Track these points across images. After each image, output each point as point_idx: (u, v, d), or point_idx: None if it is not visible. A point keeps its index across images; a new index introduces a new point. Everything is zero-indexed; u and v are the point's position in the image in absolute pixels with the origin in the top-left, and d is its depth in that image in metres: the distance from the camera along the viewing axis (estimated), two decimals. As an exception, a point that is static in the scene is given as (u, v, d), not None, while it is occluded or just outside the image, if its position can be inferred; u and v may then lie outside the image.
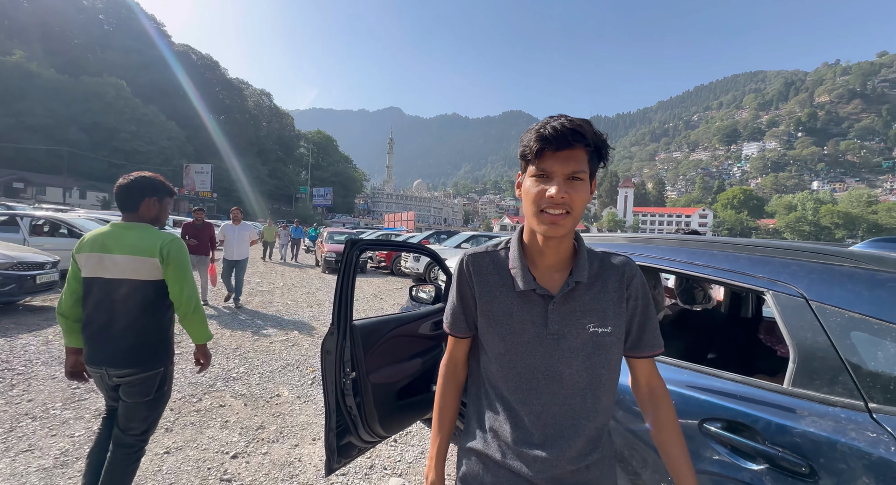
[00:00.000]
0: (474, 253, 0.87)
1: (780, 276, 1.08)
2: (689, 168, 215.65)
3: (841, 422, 0.84)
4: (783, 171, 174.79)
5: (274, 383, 3.47)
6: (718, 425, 1.01)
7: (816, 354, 0.94)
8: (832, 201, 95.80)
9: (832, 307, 0.95)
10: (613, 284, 0.81)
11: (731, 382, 1.06)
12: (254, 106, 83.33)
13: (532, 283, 0.79)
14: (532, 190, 0.74)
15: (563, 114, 0.74)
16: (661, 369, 1.23)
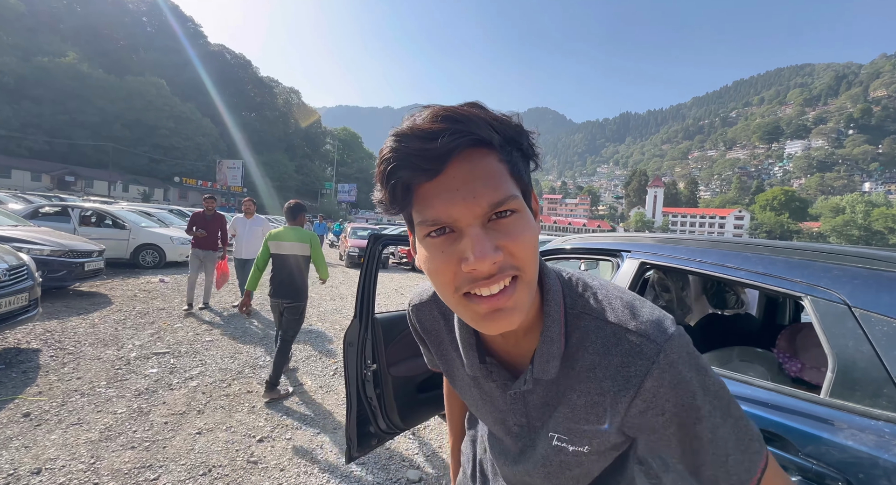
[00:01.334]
0: (419, 303, 0.64)
1: (821, 280, 1.02)
2: (725, 167, 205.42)
3: (885, 437, 0.79)
4: (830, 171, 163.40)
5: (298, 372, 3.59)
6: (747, 434, 0.97)
7: (858, 364, 0.88)
8: (886, 204, 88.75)
9: (878, 315, 0.89)
10: (600, 383, 0.47)
11: (763, 390, 1.02)
12: (283, 103, 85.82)
13: (477, 367, 0.53)
14: (432, 264, 0.42)
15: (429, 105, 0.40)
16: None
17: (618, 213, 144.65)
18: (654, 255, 1.51)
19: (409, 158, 0.38)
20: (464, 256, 0.39)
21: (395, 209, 0.42)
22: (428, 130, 0.37)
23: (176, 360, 3.56)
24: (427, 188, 0.39)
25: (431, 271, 0.42)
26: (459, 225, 0.39)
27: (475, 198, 0.38)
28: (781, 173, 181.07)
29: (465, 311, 0.42)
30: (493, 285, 0.39)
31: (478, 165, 0.39)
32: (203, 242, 5.42)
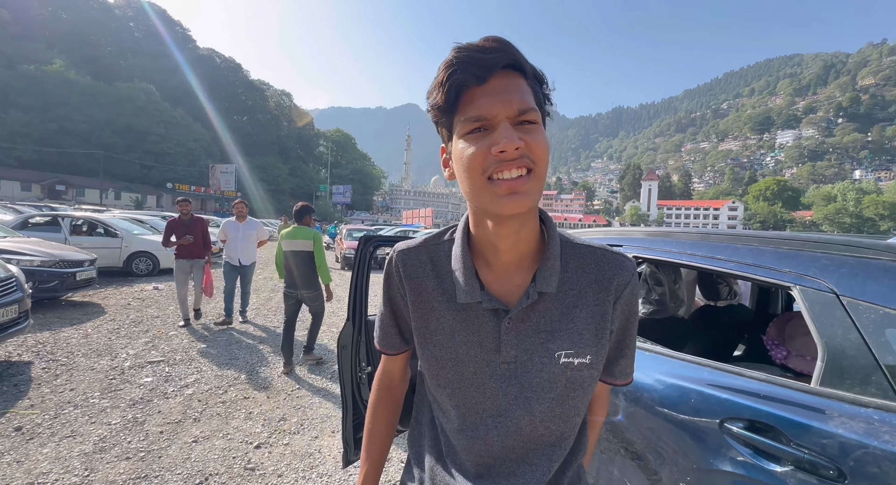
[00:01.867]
0: (406, 249, 0.65)
1: (809, 270, 1.02)
2: (718, 159, 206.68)
3: (874, 424, 0.80)
4: (821, 159, 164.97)
5: (294, 377, 3.57)
6: (740, 424, 0.97)
7: (847, 352, 0.89)
8: (877, 191, 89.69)
9: (866, 303, 0.89)
10: (596, 296, 0.57)
11: (755, 380, 1.01)
12: (275, 106, 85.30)
13: (477, 293, 0.56)
14: (467, 151, 0.49)
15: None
16: (681, 367, 1.21)
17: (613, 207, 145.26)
18: (646, 248, 1.51)
19: (465, 65, 0.47)
20: (495, 142, 0.47)
21: (445, 109, 0.50)
22: (482, 47, 0.47)
23: (171, 368, 3.53)
24: (474, 91, 0.48)
25: (466, 159, 0.49)
26: (496, 121, 0.47)
27: (510, 101, 0.47)
28: (773, 163, 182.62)
29: (487, 193, 0.49)
30: (513, 169, 0.47)
31: (513, 81, 0.48)
32: (189, 250, 4.89)
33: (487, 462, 0.59)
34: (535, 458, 0.58)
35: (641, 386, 1.22)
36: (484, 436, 0.58)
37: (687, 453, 1.06)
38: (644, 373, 1.24)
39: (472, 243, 0.60)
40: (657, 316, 1.73)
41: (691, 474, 1.04)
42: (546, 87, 0.54)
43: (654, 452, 1.15)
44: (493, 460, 0.59)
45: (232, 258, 5.09)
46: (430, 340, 0.61)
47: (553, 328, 0.56)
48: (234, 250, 5.07)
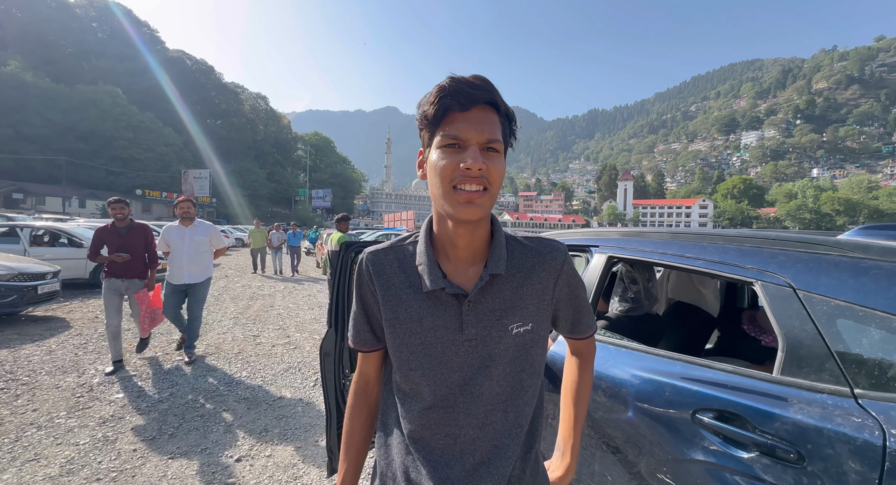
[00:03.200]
0: (375, 250, 0.75)
1: (769, 266, 1.08)
2: (689, 159, 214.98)
3: (828, 408, 0.86)
4: (783, 159, 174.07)
5: (276, 386, 3.49)
6: (710, 415, 1.02)
7: (804, 342, 0.94)
8: (832, 188, 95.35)
9: (819, 296, 0.96)
10: (539, 276, 0.71)
11: (723, 372, 1.07)
12: (250, 110, 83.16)
13: (440, 280, 0.67)
14: (440, 162, 0.61)
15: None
16: (656, 362, 1.25)
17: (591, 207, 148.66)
18: (621, 248, 1.56)
19: (454, 93, 0.59)
20: (464, 160, 0.59)
21: (431, 121, 0.62)
22: (471, 83, 0.60)
23: (144, 383, 3.38)
24: (457, 115, 0.60)
25: (439, 169, 0.61)
26: (468, 143, 0.60)
27: (482, 131, 0.60)
28: (739, 163, 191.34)
29: (450, 199, 0.61)
30: (474, 184, 0.60)
31: (488, 115, 0.61)
32: (123, 269, 3.60)
33: (454, 432, 0.68)
34: (493, 417, 0.69)
35: (619, 381, 1.26)
36: (452, 405, 0.68)
37: (662, 445, 1.10)
38: (621, 369, 1.29)
39: (433, 241, 0.72)
40: (633, 313, 1.79)
41: (667, 465, 1.08)
42: (514, 124, 0.67)
43: (632, 445, 1.19)
44: (459, 429, 0.68)
45: (175, 275, 3.81)
46: (401, 329, 0.69)
47: (505, 306, 0.68)
48: (178, 265, 3.81)
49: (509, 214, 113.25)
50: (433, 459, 0.68)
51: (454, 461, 0.68)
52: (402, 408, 0.72)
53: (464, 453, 0.68)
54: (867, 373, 0.86)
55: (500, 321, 0.68)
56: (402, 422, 0.72)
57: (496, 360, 0.68)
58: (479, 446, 0.68)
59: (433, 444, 0.69)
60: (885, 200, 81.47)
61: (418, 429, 0.70)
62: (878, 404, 0.81)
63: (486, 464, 0.68)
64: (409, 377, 0.70)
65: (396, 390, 0.74)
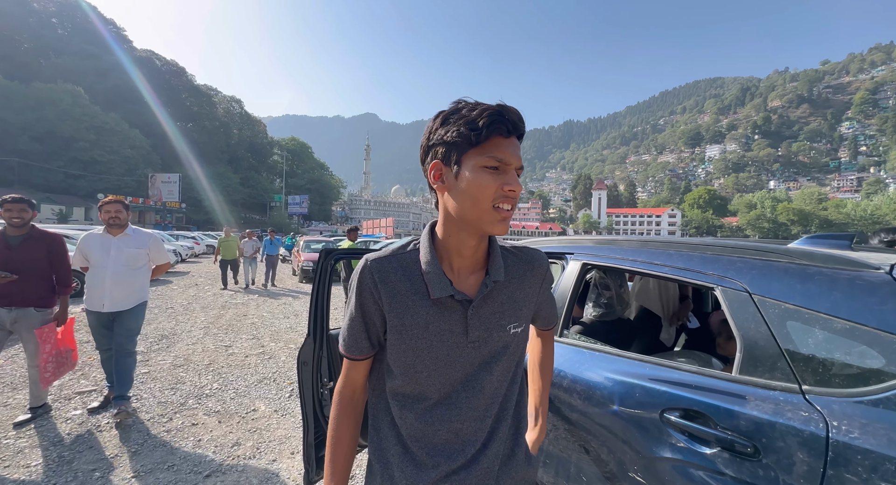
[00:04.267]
0: (379, 258, 0.76)
1: (728, 272, 1.17)
2: (658, 170, 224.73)
3: (780, 404, 0.92)
4: (743, 171, 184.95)
5: (250, 397, 3.37)
6: (677, 414, 1.08)
7: (759, 343, 1.02)
8: (787, 199, 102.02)
9: (771, 300, 1.04)
10: (529, 281, 0.81)
11: (688, 373, 1.14)
12: (224, 113, 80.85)
13: (449, 288, 0.71)
14: (484, 180, 0.65)
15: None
16: (627, 365, 1.30)
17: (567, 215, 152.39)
18: (594, 256, 1.63)
19: (506, 120, 0.65)
20: (507, 182, 0.66)
21: (471, 141, 0.65)
22: (516, 114, 0.66)
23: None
24: (499, 140, 0.66)
25: (481, 187, 0.66)
26: (510, 167, 0.67)
27: (519, 157, 0.68)
28: (704, 174, 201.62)
29: (489, 216, 0.67)
30: (510, 204, 0.67)
31: (518, 145, 0.69)
32: (7, 294, 2.61)
33: (456, 427, 0.74)
34: (491, 409, 0.77)
35: (593, 384, 1.31)
36: (455, 402, 0.74)
37: (634, 444, 1.15)
38: (595, 372, 1.34)
39: (437, 250, 0.76)
40: (606, 318, 1.86)
41: (638, 464, 1.13)
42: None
43: (606, 446, 1.24)
44: (462, 423, 0.74)
45: (93, 299, 2.84)
46: (407, 334, 0.72)
47: (504, 309, 0.76)
48: (98, 285, 2.83)
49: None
50: (436, 454, 0.73)
51: (457, 453, 0.73)
52: (400, 411, 0.75)
53: (465, 444, 0.74)
54: (813, 370, 0.93)
55: (500, 323, 0.75)
56: (400, 424, 0.75)
57: (496, 358, 0.75)
58: (479, 435, 0.75)
59: (436, 440, 0.74)
60: (832, 211, 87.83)
61: (420, 428, 0.74)
62: (823, 398, 0.89)
63: (483, 449, 0.75)
64: (414, 380, 0.73)
65: (393, 395, 0.76)
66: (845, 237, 1.29)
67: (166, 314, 6.48)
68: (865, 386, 0.85)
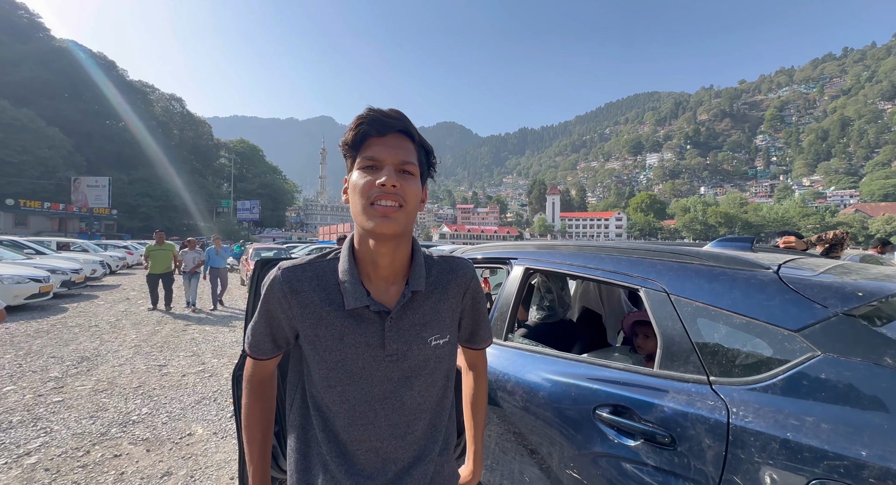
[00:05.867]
0: (291, 266, 0.73)
1: (650, 274, 1.26)
2: (605, 176, 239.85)
3: (691, 395, 0.99)
4: (678, 178, 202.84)
5: (185, 421, 3.10)
6: (607, 410, 1.13)
7: (675, 339, 1.11)
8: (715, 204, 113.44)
9: (685, 299, 1.13)
10: (453, 291, 0.78)
11: (617, 370, 1.20)
12: (162, 112, 74.52)
13: (365, 298, 0.69)
14: (360, 181, 0.66)
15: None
16: (564, 365, 1.35)
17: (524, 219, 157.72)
18: (535, 260, 1.69)
19: (373, 122, 0.66)
20: (379, 178, 0.64)
21: (352, 146, 0.68)
22: (387, 113, 0.67)
23: (3, 434, 2.77)
24: (374, 140, 0.67)
25: (358, 188, 0.66)
26: (384, 163, 0.66)
27: (397, 154, 0.66)
28: (646, 180, 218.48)
29: (368, 214, 0.65)
30: (389, 200, 0.65)
31: (403, 142, 0.68)
32: None
33: (375, 445, 0.71)
34: (414, 426, 0.74)
35: (533, 386, 1.35)
36: (373, 420, 0.71)
37: (570, 441, 1.20)
38: (535, 373, 1.38)
39: (356, 261, 0.73)
40: (548, 320, 1.93)
41: (574, 460, 1.18)
42: (432, 156, 0.75)
43: (545, 445, 1.28)
44: (381, 441, 0.71)
45: None
46: (320, 346, 0.70)
47: (425, 320, 0.73)
48: None
49: (448, 225, 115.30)
50: (355, 472, 0.70)
51: (377, 473, 0.71)
52: (321, 424, 0.73)
53: (386, 463, 0.71)
54: (718, 362, 1.01)
55: (420, 335, 0.72)
56: (322, 438, 0.72)
57: (417, 372, 0.72)
58: (402, 454, 0.72)
59: (356, 458, 0.71)
60: (752, 214, 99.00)
61: (339, 444, 0.71)
62: (725, 387, 0.97)
63: (408, 469, 0.72)
64: (328, 394, 0.71)
65: (314, 408, 0.74)
66: (747, 240, 1.44)
67: (89, 333, 5.80)
68: (758, 374, 0.93)
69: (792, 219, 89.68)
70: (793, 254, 1.44)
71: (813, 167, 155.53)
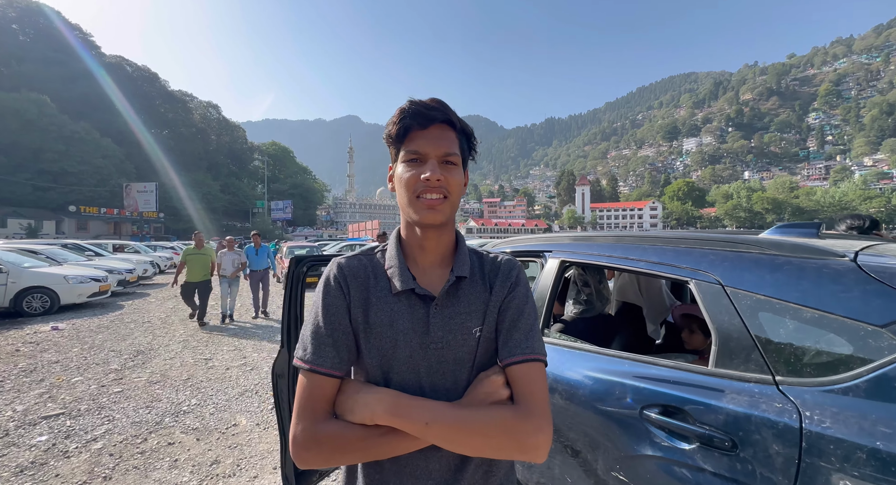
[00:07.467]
0: (346, 257, 0.76)
1: (701, 265, 1.16)
2: (638, 164, 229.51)
3: (755, 396, 0.91)
4: (719, 163, 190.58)
5: (230, 412, 3.26)
6: (656, 410, 1.06)
7: (732, 335, 1.01)
8: (761, 189, 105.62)
9: (743, 291, 1.03)
10: (499, 285, 0.74)
11: (666, 368, 1.12)
12: (200, 119, 78.82)
13: (411, 281, 0.70)
14: (405, 175, 0.68)
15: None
16: (607, 362, 1.28)
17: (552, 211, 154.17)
18: (571, 253, 1.61)
19: (415, 115, 0.67)
20: (423, 172, 0.66)
21: (395, 139, 0.69)
22: (428, 105, 0.68)
23: (73, 421, 3.03)
24: (416, 133, 0.67)
25: (403, 181, 0.68)
26: (427, 157, 0.67)
27: (440, 146, 0.67)
28: (682, 167, 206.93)
29: (415, 206, 0.67)
30: (434, 193, 0.67)
31: (445, 132, 0.69)
32: None
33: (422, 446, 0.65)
34: None
35: (574, 383, 1.29)
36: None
37: (615, 443, 1.13)
38: (575, 371, 1.32)
39: (403, 247, 0.76)
40: (586, 315, 1.85)
41: (620, 462, 1.11)
42: (473, 140, 0.75)
43: (588, 446, 1.22)
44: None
45: None
46: (372, 333, 0.68)
47: (470, 310, 0.71)
48: None
49: (474, 220, 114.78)
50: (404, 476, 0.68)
51: (425, 477, 0.68)
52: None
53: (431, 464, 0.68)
54: (785, 361, 0.92)
55: (464, 324, 0.70)
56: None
57: (461, 364, 0.69)
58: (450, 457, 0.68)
59: (402, 459, 0.67)
60: (804, 199, 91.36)
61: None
62: (795, 389, 0.87)
63: (457, 472, 0.69)
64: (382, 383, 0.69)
65: None
66: (812, 226, 1.29)
67: (143, 329, 6.25)
68: (836, 374, 0.84)
69: (851, 203, 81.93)
70: (868, 240, 1.29)
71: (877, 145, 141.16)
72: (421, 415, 0.60)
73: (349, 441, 0.61)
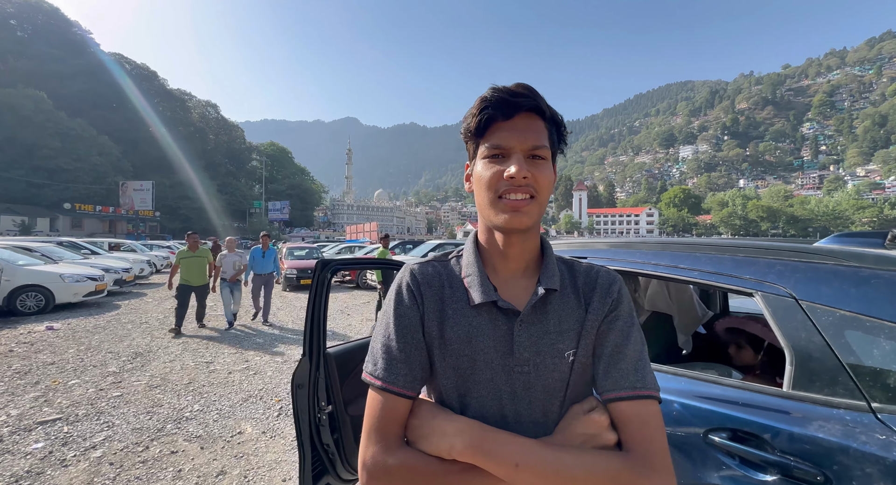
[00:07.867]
0: (420, 264, 0.68)
1: (768, 276, 1.08)
2: (635, 170, 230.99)
3: (849, 425, 0.81)
4: (714, 171, 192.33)
5: (235, 418, 3.15)
6: (724, 435, 0.98)
7: (813, 354, 0.92)
8: (756, 197, 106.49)
9: (822, 306, 0.95)
10: (596, 303, 0.63)
11: (732, 388, 1.04)
12: (198, 118, 78.44)
13: (492, 293, 0.60)
14: (485, 173, 0.58)
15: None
16: (661, 379, 1.21)
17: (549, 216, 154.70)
18: (610, 260, 1.53)
19: (498, 104, 0.57)
20: (508, 169, 0.56)
21: (474, 133, 0.60)
22: (513, 91, 0.57)
23: (71, 427, 2.91)
24: (500, 125, 0.58)
25: (484, 180, 0.58)
26: (512, 151, 0.57)
27: (526, 138, 0.57)
28: (678, 174, 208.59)
29: (497, 208, 0.58)
30: (519, 193, 0.57)
31: (533, 122, 0.58)
32: None
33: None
34: None
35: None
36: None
37: (676, 470, 1.05)
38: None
39: (481, 254, 0.66)
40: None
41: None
42: (564, 129, 0.63)
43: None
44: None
45: None
46: (447, 351, 0.60)
47: (561, 329, 0.60)
48: None
49: (472, 223, 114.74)
50: None
51: None
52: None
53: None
54: (882, 386, 0.82)
55: (555, 346, 0.59)
56: None
57: (552, 393, 0.59)
58: None
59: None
60: (798, 208, 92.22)
61: None
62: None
63: None
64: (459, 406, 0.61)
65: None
66: (877, 235, 1.23)
67: (140, 330, 6.10)
68: None
69: (845, 212, 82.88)
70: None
71: (869, 156, 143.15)
72: (510, 454, 0.52)
73: (423, 476, 0.55)
